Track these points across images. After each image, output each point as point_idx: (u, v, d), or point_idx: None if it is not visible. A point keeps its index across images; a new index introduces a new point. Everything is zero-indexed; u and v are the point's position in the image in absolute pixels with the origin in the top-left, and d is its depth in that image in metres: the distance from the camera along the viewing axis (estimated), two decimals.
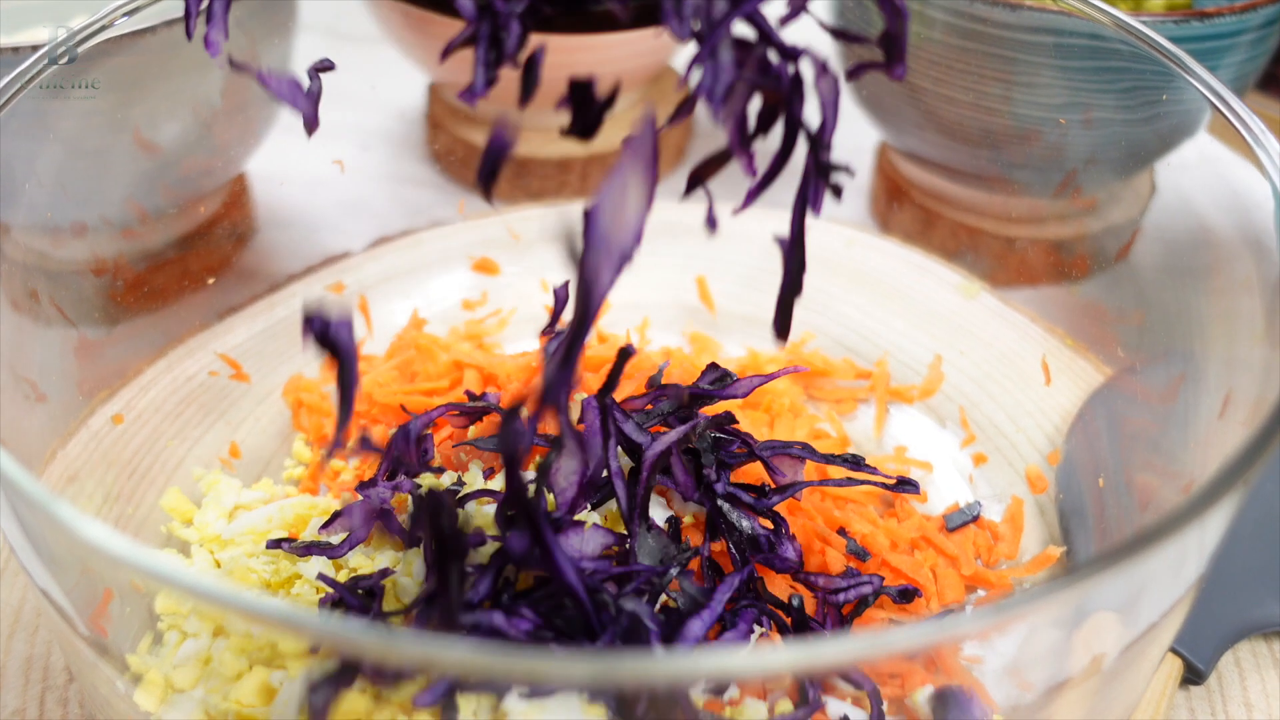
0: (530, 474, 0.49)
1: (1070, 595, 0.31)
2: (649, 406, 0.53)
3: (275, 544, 0.51)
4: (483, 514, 0.49)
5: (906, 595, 0.53)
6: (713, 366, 0.55)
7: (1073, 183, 0.70)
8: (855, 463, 0.53)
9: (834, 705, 0.45)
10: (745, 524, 0.49)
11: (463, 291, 0.74)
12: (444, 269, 0.75)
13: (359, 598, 0.46)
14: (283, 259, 0.76)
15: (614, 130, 0.87)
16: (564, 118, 0.39)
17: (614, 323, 0.72)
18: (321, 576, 0.48)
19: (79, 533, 0.33)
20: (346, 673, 0.36)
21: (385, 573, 0.47)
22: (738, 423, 0.53)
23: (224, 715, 0.43)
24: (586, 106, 0.39)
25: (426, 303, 0.72)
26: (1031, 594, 0.30)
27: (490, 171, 0.37)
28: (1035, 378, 0.67)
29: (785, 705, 0.43)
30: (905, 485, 0.53)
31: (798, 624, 0.47)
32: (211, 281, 0.69)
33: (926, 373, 0.68)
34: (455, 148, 0.87)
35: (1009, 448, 0.64)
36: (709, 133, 0.93)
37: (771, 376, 0.55)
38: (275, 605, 0.33)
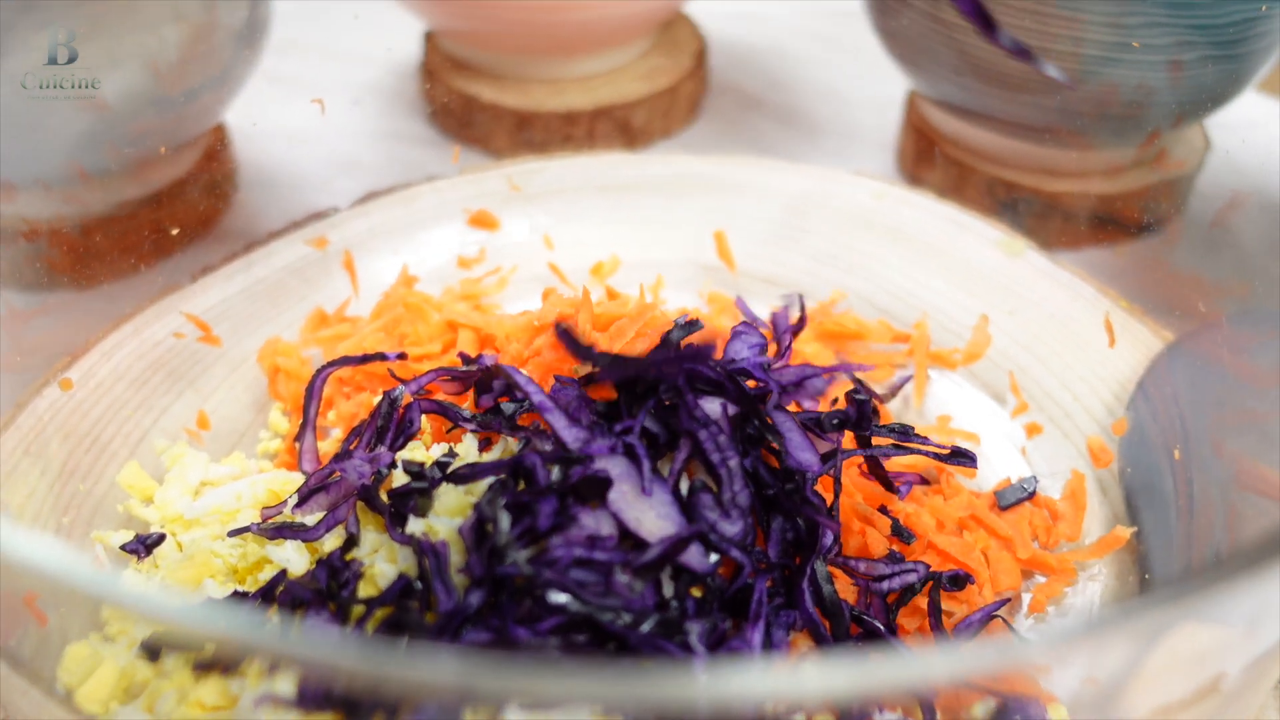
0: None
1: (1195, 602, 0.25)
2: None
3: (239, 531, 0.45)
4: (475, 489, 0.43)
5: (957, 581, 0.47)
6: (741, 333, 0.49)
7: (1158, 142, 0.63)
8: (903, 433, 0.46)
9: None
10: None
11: (458, 248, 0.67)
12: (438, 224, 0.68)
13: (319, 589, 0.40)
14: (264, 218, 0.70)
15: (622, 82, 0.81)
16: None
17: (626, 281, 0.66)
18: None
19: None
20: None
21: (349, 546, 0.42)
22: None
23: None
24: None
25: (418, 260, 0.66)
26: (1156, 599, 0.24)
27: None
28: (1092, 340, 0.60)
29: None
30: (960, 457, 0.47)
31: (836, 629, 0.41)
32: (177, 232, 0.63)
33: (971, 335, 0.62)
34: (452, 100, 0.80)
35: (1064, 417, 0.58)
36: (723, 87, 0.87)
37: (825, 370, 0.49)
38: (229, 619, 0.27)
